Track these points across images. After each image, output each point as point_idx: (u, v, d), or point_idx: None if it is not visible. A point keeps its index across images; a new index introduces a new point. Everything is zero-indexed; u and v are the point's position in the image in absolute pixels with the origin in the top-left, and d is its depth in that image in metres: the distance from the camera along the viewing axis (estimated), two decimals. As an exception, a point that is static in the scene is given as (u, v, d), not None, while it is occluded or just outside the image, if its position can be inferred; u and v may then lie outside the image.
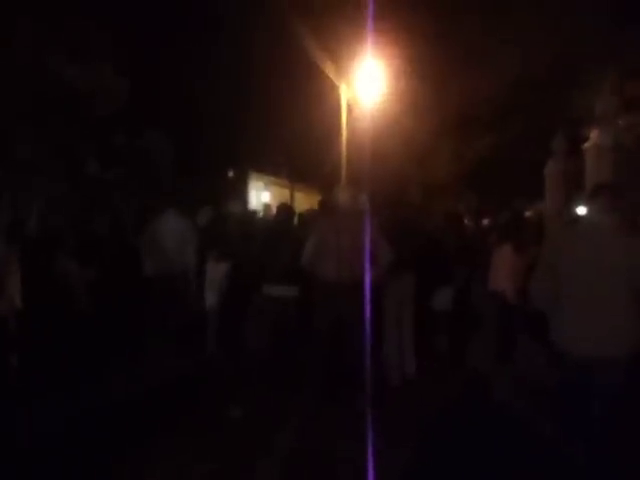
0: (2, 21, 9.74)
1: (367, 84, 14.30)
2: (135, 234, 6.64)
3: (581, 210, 6.58)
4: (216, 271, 5.99)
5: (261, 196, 18.95)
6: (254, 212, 9.20)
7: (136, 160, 13.24)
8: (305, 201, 19.49)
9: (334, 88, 15.41)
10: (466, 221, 12.10)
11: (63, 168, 11.28)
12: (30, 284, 4.96)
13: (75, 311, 5.60)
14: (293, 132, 15.40)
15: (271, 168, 19.32)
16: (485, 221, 11.53)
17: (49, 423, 3.99)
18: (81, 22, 11.00)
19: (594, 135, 9.16)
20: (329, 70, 14.66)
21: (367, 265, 4.02)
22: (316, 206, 7.94)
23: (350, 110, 15.63)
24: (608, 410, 2.95)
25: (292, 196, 19.58)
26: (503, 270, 5.74)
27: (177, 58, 13.51)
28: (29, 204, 9.61)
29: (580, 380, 2.99)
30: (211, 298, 5.98)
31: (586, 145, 9.50)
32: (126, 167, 12.90)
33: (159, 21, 12.88)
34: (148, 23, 12.48)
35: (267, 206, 9.10)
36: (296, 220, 6.36)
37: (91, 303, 5.86)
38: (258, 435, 3.87)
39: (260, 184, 19.40)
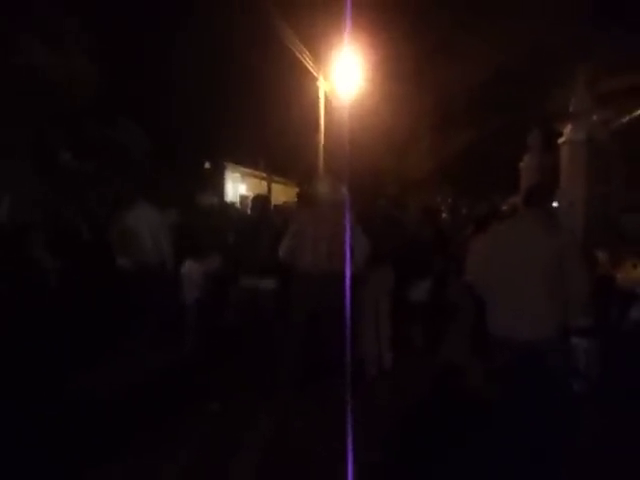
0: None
1: (345, 77, 14.29)
2: (108, 226, 6.50)
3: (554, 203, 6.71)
4: (194, 266, 5.92)
5: (238, 188, 18.83)
6: (231, 204, 9.12)
7: (110, 151, 12.98)
8: (283, 193, 19.43)
9: (312, 80, 15.36)
10: (444, 215, 12.20)
11: (34, 158, 11.00)
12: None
13: (46, 302, 5.45)
14: (271, 124, 15.30)
15: (248, 160, 19.19)
16: (462, 214, 11.63)
17: (21, 420, 3.88)
18: (53, 7, 10.72)
19: (568, 130, 9.27)
20: (307, 62, 14.58)
21: (347, 257, 4.00)
22: (293, 198, 7.91)
23: (328, 102, 15.60)
24: (542, 394, 3.07)
25: (269, 188, 19.48)
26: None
27: (153, 48, 13.28)
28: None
29: (513, 365, 3.18)
30: (189, 293, 5.91)
31: (561, 140, 9.61)
32: (99, 158, 12.64)
33: (135, 9, 12.62)
34: (123, 11, 12.22)
35: (244, 198, 9.03)
36: (273, 212, 6.32)
37: (63, 295, 5.72)
38: (235, 430, 3.83)
39: (237, 176, 19.27)
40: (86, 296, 5.69)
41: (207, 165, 17.34)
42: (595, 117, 8.89)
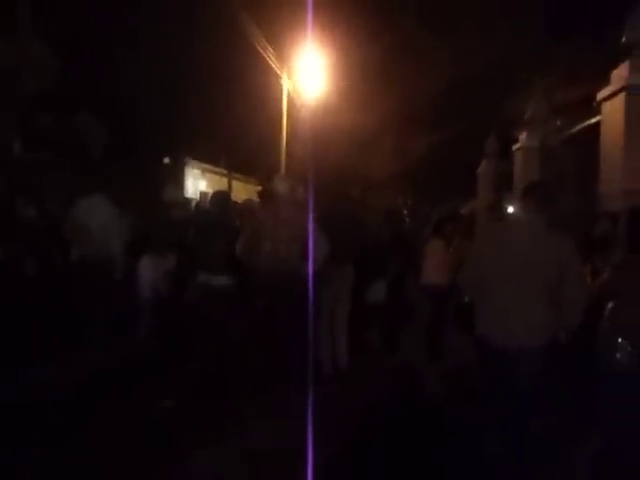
0: None
1: (309, 75, 14.30)
2: (63, 218, 6.32)
3: (510, 209, 6.87)
4: (151, 263, 5.82)
5: (198, 184, 18.57)
6: (190, 200, 8.98)
7: (66, 142, 12.58)
8: (243, 191, 19.28)
9: (276, 78, 15.30)
10: (406, 217, 12.36)
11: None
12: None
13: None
14: (233, 120, 15.15)
15: (209, 156, 18.95)
16: (422, 216, 11.81)
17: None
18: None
19: (523, 137, 9.57)
20: (271, 59, 14.52)
21: (305, 256, 4.00)
22: (254, 196, 7.84)
23: (291, 100, 15.58)
24: (523, 400, 3.08)
25: (230, 185, 19.30)
26: (435, 264, 5.90)
27: (113, 39, 12.96)
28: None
29: (499, 370, 3.13)
30: (145, 289, 5.81)
31: (515, 147, 9.91)
32: (54, 149, 12.23)
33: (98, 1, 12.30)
34: (83, 2, 11.88)
35: (204, 194, 8.90)
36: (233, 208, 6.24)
37: (16, 288, 5.52)
38: (188, 428, 3.77)
39: (197, 172, 19.00)
40: (33, 289, 5.51)
41: (167, 161, 17.03)
42: (549, 125, 9.21)
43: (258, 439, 3.64)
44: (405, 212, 14.60)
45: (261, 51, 14.02)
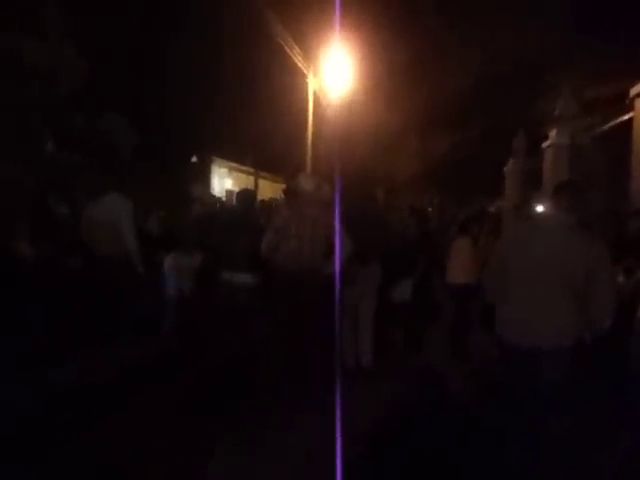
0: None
1: (335, 74, 14.28)
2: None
3: (538, 208, 6.75)
4: (176, 261, 5.89)
5: (224, 183, 18.72)
6: (216, 198, 9.07)
7: (96, 142, 12.84)
8: (270, 189, 19.38)
9: (302, 77, 15.33)
10: (431, 216, 12.27)
11: (19, 148, 10.84)
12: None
13: (25, 292, 5.38)
14: (259, 119, 15.22)
15: (235, 155, 19.08)
16: (448, 215, 11.69)
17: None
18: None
19: (553, 135, 9.40)
20: (297, 58, 14.55)
21: (333, 253, 3.99)
22: (280, 195, 7.88)
23: (317, 99, 15.59)
24: (548, 401, 3.03)
25: (256, 184, 19.41)
26: (461, 263, 5.85)
27: (142, 41, 13.14)
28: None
29: (522, 371, 3.08)
30: (170, 287, 5.88)
31: (545, 145, 9.75)
32: (85, 149, 12.50)
33: (122, 2, 12.50)
34: (111, 4, 12.09)
35: (230, 193, 8.98)
36: (258, 207, 6.29)
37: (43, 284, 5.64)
38: (211, 422, 3.81)
39: (224, 171, 19.15)
40: (60, 287, 5.61)
41: (194, 159, 17.22)
42: (579, 123, 9.03)
43: (281, 437, 3.65)
44: (430, 211, 14.49)
45: (287, 50, 14.07)
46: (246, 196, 5.27)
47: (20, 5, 10.11)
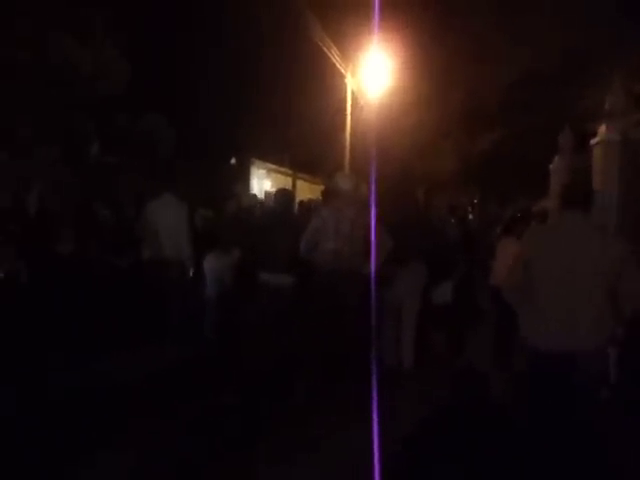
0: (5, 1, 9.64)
1: (373, 74, 14.18)
2: (135, 218, 6.56)
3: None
4: (216, 260, 5.92)
5: (263, 184, 18.85)
6: (255, 199, 9.10)
7: (137, 143, 13.13)
8: (308, 190, 19.40)
9: (340, 77, 15.28)
10: (470, 216, 12.01)
11: (64, 150, 11.18)
12: (30, 263, 4.95)
13: (72, 291, 5.51)
14: (297, 120, 15.26)
15: (274, 156, 19.19)
16: (489, 215, 11.43)
17: (43, 403, 3.91)
18: (84, 3, 10.89)
19: (602, 131, 9.03)
20: (335, 59, 14.51)
21: (369, 254, 3.93)
22: (318, 196, 7.84)
23: (355, 100, 15.51)
24: (580, 404, 2.94)
25: (294, 185, 19.46)
26: (506, 264, 5.65)
27: (182, 42, 13.37)
28: (29, 186, 9.52)
29: (550, 375, 2.99)
30: (211, 286, 5.91)
31: (594, 141, 9.37)
32: (127, 150, 12.79)
33: (163, 4, 12.74)
34: (151, 6, 12.34)
35: (268, 194, 9.00)
36: (297, 208, 6.26)
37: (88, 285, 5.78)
38: (252, 424, 3.79)
39: (262, 172, 19.29)
40: (106, 287, 5.73)
41: (233, 161, 17.41)
42: (630, 118, 8.66)
43: (321, 439, 3.60)
44: (470, 210, 14.19)
45: (326, 51, 14.03)
46: (284, 196, 5.24)
47: (63, 8, 10.42)
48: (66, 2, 10.43)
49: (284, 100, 15.09)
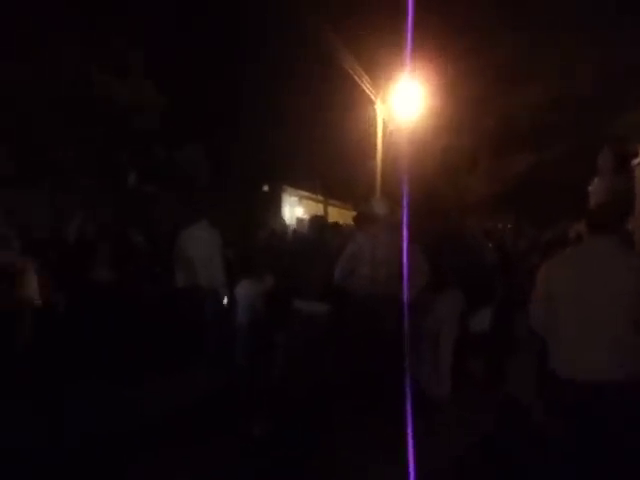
0: (49, 38, 10.10)
1: (404, 100, 14.21)
2: (170, 247, 6.64)
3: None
4: (249, 287, 5.90)
5: (295, 211, 18.97)
6: (289, 226, 9.13)
7: (173, 173, 13.43)
8: (339, 216, 19.39)
9: (370, 104, 15.37)
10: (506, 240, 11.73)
11: (103, 180, 11.52)
12: (66, 289, 5.04)
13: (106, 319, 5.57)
14: (328, 147, 15.37)
15: (305, 183, 19.35)
16: (526, 240, 11.14)
17: (72, 432, 3.91)
18: (124, 40, 11.33)
19: (645, 150, 8.78)
20: (365, 86, 14.62)
21: (405, 280, 3.84)
22: (349, 221, 7.79)
23: (385, 126, 15.54)
24: (611, 437, 2.76)
25: (326, 211, 19.52)
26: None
27: (213, 74, 13.71)
28: (70, 214, 9.80)
29: (582, 407, 2.81)
30: (242, 313, 5.88)
31: (635, 161, 9.10)
32: (164, 180, 13.10)
33: (195, 38, 13.14)
34: (185, 40, 12.74)
35: (300, 221, 9.01)
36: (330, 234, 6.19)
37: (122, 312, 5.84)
38: (282, 453, 3.70)
39: (294, 199, 19.44)
40: (141, 314, 5.77)
41: (265, 188, 17.61)
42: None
43: (356, 470, 3.49)
44: (506, 234, 13.87)
45: (356, 78, 14.16)
46: (318, 223, 5.22)
47: (101, 45, 10.86)
48: (102, 38, 10.87)
49: (315, 128, 15.25)
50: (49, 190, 10.32)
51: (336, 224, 6.30)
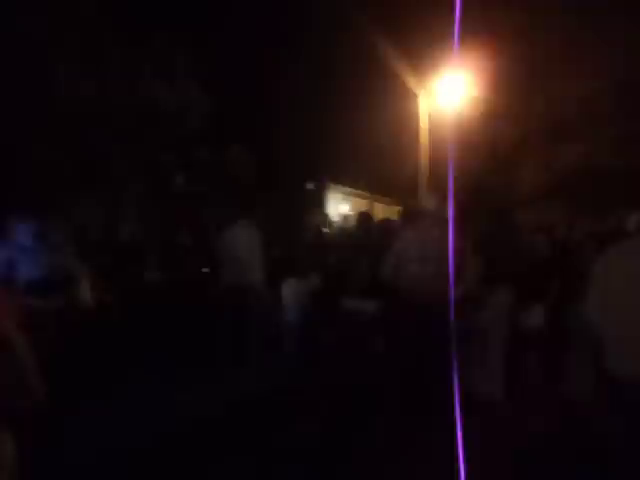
0: (97, 42, 10.42)
1: (448, 92, 13.93)
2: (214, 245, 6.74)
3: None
4: (295, 286, 5.92)
5: (340, 208, 18.94)
6: (333, 224, 9.10)
7: (219, 174, 13.65)
8: (385, 212, 19.24)
9: (413, 97, 15.15)
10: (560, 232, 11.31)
11: (152, 183, 11.82)
12: (120, 290, 5.19)
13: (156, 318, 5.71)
14: (372, 142, 15.25)
15: (350, 179, 19.27)
16: (580, 232, 10.71)
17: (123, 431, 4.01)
18: (169, 42, 11.56)
19: None
20: (408, 79, 14.42)
21: (459, 276, 3.75)
22: (395, 217, 7.67)
23: (430, 119, 15.28)
24: None
25: (371, 207, 19.39)
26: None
27: (258, 73, 13.83)
28: (119, 217, 10.13)
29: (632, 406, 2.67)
30: (289, 312, 5.90)
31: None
32: (210, 181, 13.32)
33: (241, 37, 13.27)
34: (230, 39, 12.89)
35: (346, 217, 8.97)
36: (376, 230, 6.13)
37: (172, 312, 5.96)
38: (331, 455, 3.68)
39: (339, 195, 19.40)
40: (192, 313, 5.87)
41: (310, 185, 17.65)
42: None
43: (403, 474, 3.44)
44: (560, 227, 13.39)
45: (398, 71, 13.99)
46: (364, 219, 5.18)
47: (150, 48, 11.09)
48: (152, 40, 11.10)
49: (359, 123, 15.15)
50: (100, 193, 10.66)
51: (386, 220, 6.18)
